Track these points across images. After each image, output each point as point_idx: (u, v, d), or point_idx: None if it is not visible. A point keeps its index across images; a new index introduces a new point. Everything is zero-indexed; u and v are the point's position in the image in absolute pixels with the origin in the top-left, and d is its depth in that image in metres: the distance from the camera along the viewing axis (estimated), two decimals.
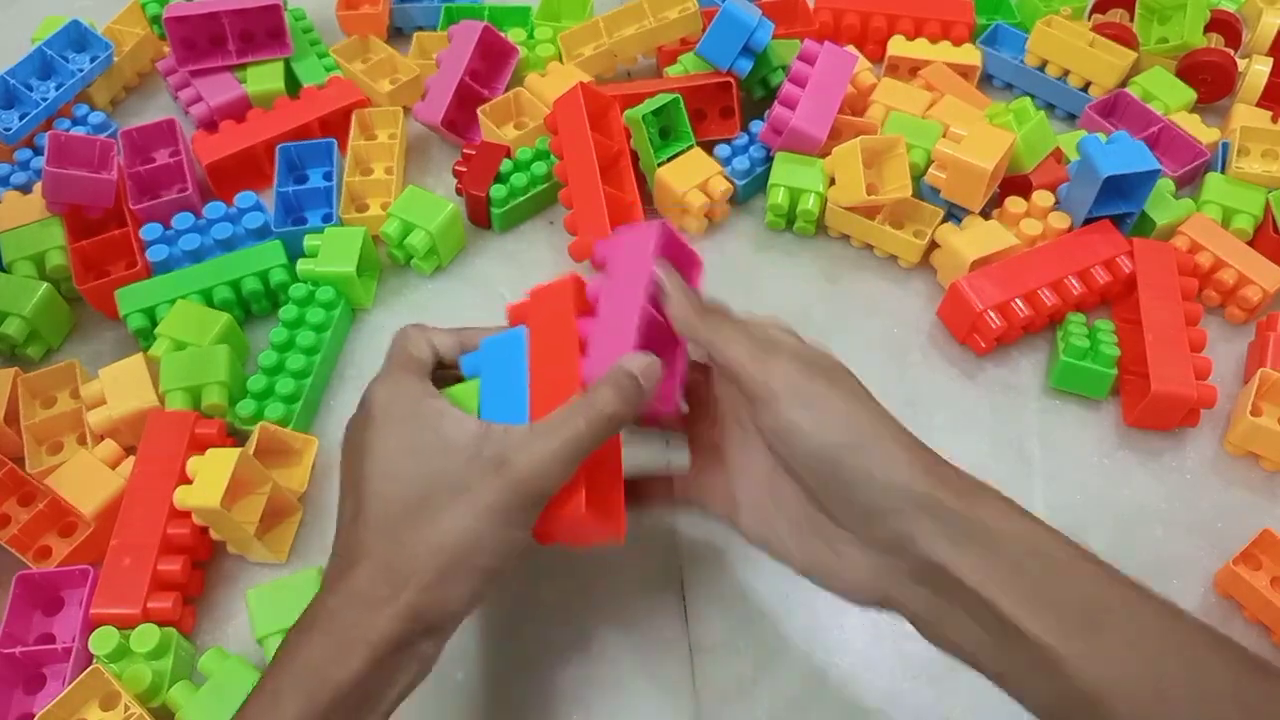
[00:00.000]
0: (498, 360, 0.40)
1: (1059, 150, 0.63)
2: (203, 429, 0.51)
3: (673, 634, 0.47)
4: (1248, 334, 0.59)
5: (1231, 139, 0.64)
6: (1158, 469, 0.53)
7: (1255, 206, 0.61)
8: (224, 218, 0.61)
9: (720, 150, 0.64)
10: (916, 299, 0.61)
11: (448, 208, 0.60)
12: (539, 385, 0.39)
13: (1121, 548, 0.51)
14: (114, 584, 0.46)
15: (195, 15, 0.68)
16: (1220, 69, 0.69)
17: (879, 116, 0.66)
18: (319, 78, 0.72)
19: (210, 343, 0.54)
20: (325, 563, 0.48)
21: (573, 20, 0.74)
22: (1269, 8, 0.72)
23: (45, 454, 0.53)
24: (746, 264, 0.63)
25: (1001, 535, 0.34)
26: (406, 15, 0.77)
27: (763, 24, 0.63)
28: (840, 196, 0.61)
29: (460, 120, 0.68)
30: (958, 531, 0.34)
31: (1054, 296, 0.56)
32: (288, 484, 0.51)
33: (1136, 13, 0.72)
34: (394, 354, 0.41)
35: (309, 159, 0.65)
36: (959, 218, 0.61)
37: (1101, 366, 0.54)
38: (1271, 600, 0.46)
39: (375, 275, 0.62)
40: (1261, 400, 0.53)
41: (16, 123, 0.66)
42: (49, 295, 0.57)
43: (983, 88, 0.73)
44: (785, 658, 0.46)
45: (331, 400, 0.56)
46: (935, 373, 0.58)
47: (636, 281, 0.39)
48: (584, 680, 0.46)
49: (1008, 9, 0.77)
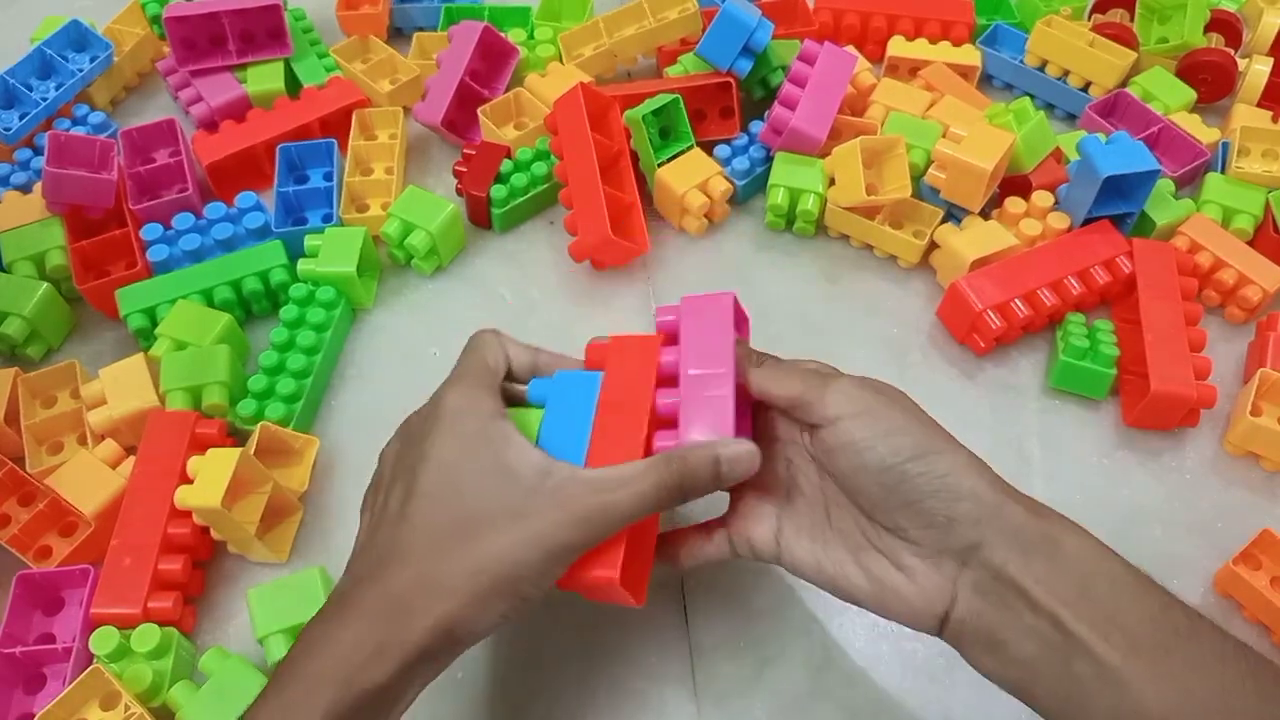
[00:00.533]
0: (567, 396, 0.41)
1: (1059, 150, 0.63)
2: (203, 429, 0.51)
3: (673, 634, 0.47)
4: (1248, 334, 0.59)
5: (1231, 139, 0.64)
6: (1157, 469, 0.54)
7: (1255, 206, 0.61)
8: (224, 218, 0.61)
9: (720, 150, 0.64)
10: (916, 299, 0.61)
11: (448, 208, 0.60)
12: (600, 436, 0.39)
13: (1121, 548, 0.50)
14: (114, 584, 0.46)
15: (195, 15, 0.68)
16: (1220, 69, 0.69)
17: (879, 116, 0.66)
18: (319, 78, 0.72)
19: (211, 343, 0.54)
20: (327, 561, 0.48)
21: (573, 20, 0.74)
22: (1269, 8, 0.72)
23: (45, 454, 0.53)
24: (746, 264, 0.63)
25: (1069, 552, 0.34)
26: (406, 15, 0.77)
27: (763, 24, 0.63)
28: (840, 197, 0.61)
29: (460, 120, 0.68)
30: (1026, 543, 0.34)
31: (1054, 296, 0.56)
32: (288, 484, 0.51)
33: (1136, 13, 0.72)
34: (470, 361, 0.41)
35: (309, 159, 0.65)
36: (959, 218, 0.61)
37: (1101, 366, 0.54)
38: (1271, 600, 0.46)
39: (375, 275, 0.62)
40: (1261, 400, 0.53)
41: (16, 123, 0.66)
42: (49, 295, 0.57)
43: (983, 88, 0.73)
44: (785, 658, 0.46)
45: (332, 400, 0.56)
46: (935, 373, 0.58)
47: (720, 354, 0.39)
48: (584, 680, 0.46)
49: (1008, 9, 0.77)
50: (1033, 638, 0.34)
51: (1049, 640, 0.33)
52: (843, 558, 0.38)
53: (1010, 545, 0.34)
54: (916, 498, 0.36)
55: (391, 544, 0.36)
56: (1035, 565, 0.34)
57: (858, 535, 0.38)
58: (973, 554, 0.35)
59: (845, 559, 0.38)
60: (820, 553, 0.39)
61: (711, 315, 0.41)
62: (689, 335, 0.40)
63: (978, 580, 0.35)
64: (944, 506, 0.35)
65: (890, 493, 0.36)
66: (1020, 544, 0.34)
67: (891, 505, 0.36)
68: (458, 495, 0.36)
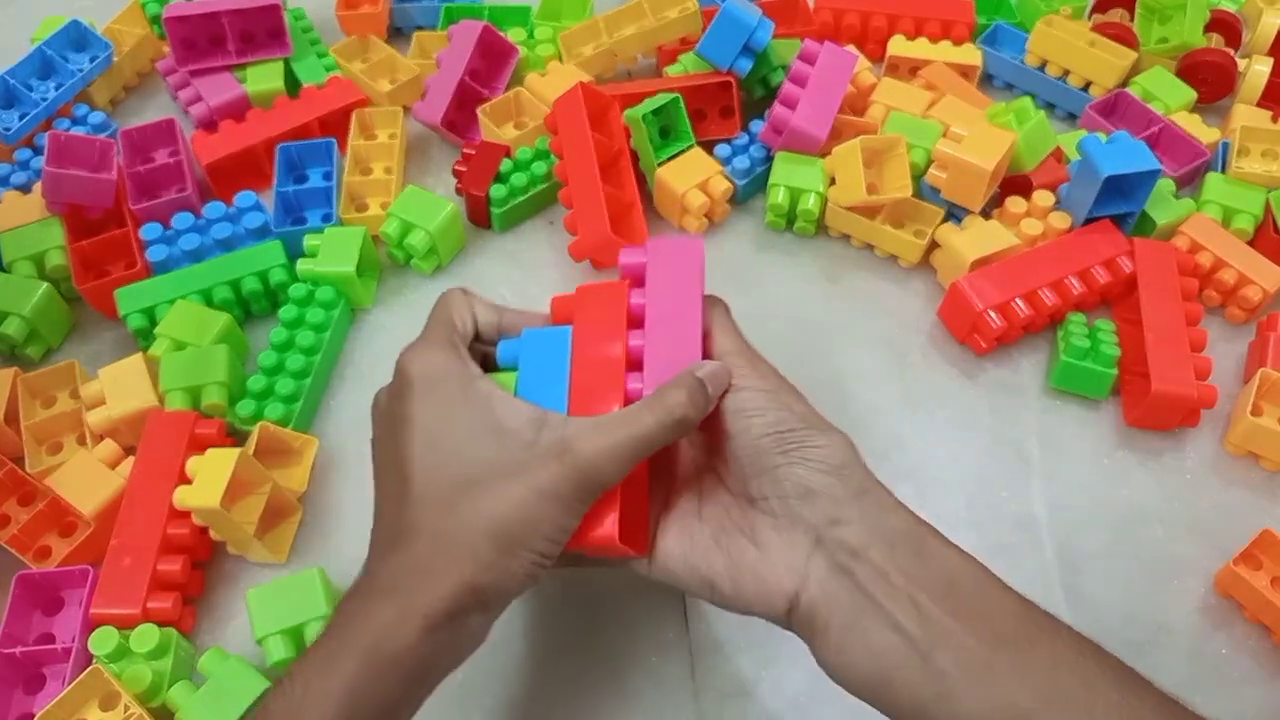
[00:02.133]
0: (539, 354, 0.40)
1: (1059, 150, 0.63)
2: (203, 429, 0.50)
3: (673, 634, 0.47)
4: (1248, 334, 0.59)
5: (1231, 139, 0.64)
6: (1158, 469, 0.53)
7: (1255, 206, 0.61)
8: (224, 218, 0.61)
9: (720, 150, 0.64)
10: (916, 299, 0.61)
11: (447, 207, 0.60)
12: (579, 388, 0.38)
13: (1121, 548, 0.51)
14: (114, 584, 0.46)
15: (195, 15, 0.68)
16: (1220, 69, 0.69)
17: (879, 116, 0.66)
18: (319, 77, 0.71)
19: (210, 343, 0.54)
20: (326, 562, 0.48)
21: (573, 20, 0.74)
22: (1269, 8, 0.72)
23: (45, 454, 0.53)
24: (746, 264, 0.63)
25: (933, 548, 0.35)
26: (406, 15, 0.77)
27: (763, 24, 0.63)
28: (840, 196, 0.61)
29: (460, 120, 0.68)
30: (890, 531, 0.34)
31: (1054, 296, 0.56)
32: (288, 484, 0.51)
33: (1136, 13, 0.72)
34: (436, 322, 0.41)
35: (309, 159, 0.65)
36: (959, 218, 0.61)
37: (1102, 366, 0.54)
38: (1272, 600, 0.46)
39: (375, 275, 0.62)
40: (1262, 400, 0.53)
41: (16, 123, 0.66)
42: (49, 295, 0.57)
43: (983, 88, 0.73)
44: (785, 658, 0.46)
45: (331, 400, 0.56)
46: (935, 373, 0.58)
47: (687, 300, 0.39)
48: (584, 680, 0.46)
49: (1008, 9, 0.77)
50: (891, 627, 0.33)
51: (909, 631, 0.32)
52: (707, 545, 0.38)
53: (873, 531, 0.34)
54: (784, 464, 0.36)
55: (400, 519, 0.36)
56: (899, 555, 0.34)
57: (723, 517, 0.38)
58: (831, 530, 0.35)
59: (709, 545, 0.38)
60: (689, 546, 0.38)
61: (679, 259, 0.40)
62: (655, 278, 0.40)
63: (834, 560, 0.34)
64: (808, 476, 0.35)
65: (761, 456, 0.36)
66: (884, 532, 0.34)
67: (758, 470, 0.36)
68: (452, 459, 0.36)
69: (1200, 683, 0.46)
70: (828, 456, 0.36)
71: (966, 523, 0.51)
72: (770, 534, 0.36)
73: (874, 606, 0.33)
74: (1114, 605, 0.48)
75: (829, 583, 0.34)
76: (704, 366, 0.37)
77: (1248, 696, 0.46)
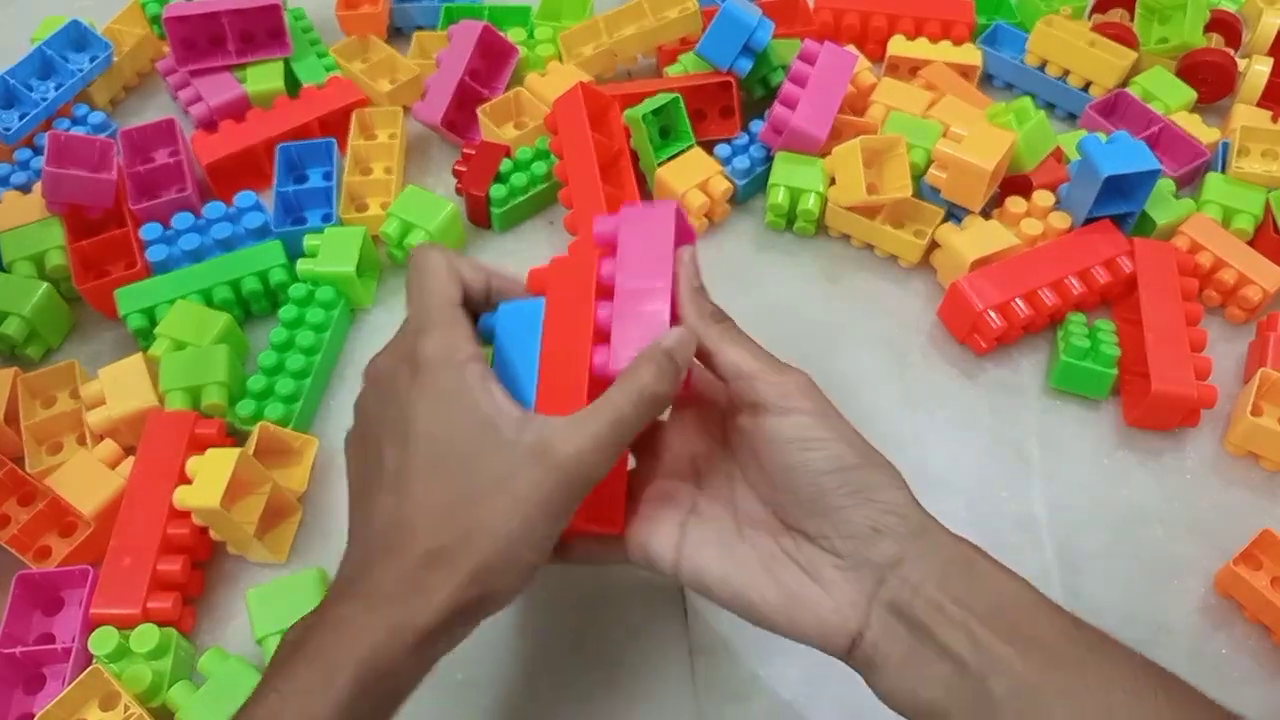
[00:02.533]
0: (513, 331, 0.40)
1: (1059, 150, 0.63)
2: (202, 429, 0.50)
3: (673, 634, 0.47)
4: (1248, 334, 0.59)
5: (1231, 139, 0.64)
6: (1158, 469, 0.53)
7: (1255, 206, 0.61)
8: (223, 218, 0.61)
9: (720, 150, 0.64)
10: (916, 299, 0.61)
11: (447, 208, 0.60)
12: (548, 368, 0.38)
13: (1121, 548, 0.51)
14: (114, 584, 0.46)
15: (195, 15, 0.68)
16: (1220, 69, 0.69)
17: (879, 116, 0.66)
18: (319, 77, 0.71)
19: (210, 343, 0.54)
20: (326, 562, 0.48)
21: (573, 20, 0.74)
22: (1269, 8, 0.72)
23: (45, 454, 0.53)
24: (746, 264, 0.63)
25: (982, 571, 0.35)
26: (406, 15, 0.77)
27: (763, 24, 0.63)
28: (840, 196, 0.61)
29: (460, 120, 0.68)
30: (945, 561, 0.34)
31: (1054, 296, 0.56)
32: (288, 484, 0.51)
33: (1136, 13, 0.72)
34: (430, 294, 0.39)
35: (309, 159, 0.65)
36: (959, 217, 0.61)
37: (1102, 366, 0.54)
38: (1272, 600, 0.46)
39: (375, 275, 0.62)
40: (1262, 400, 0.53)
41: (16, 123, 0.66)
42: (49, 295, 0.57)
43: (983, 88, 0.73)
44: (785, 658, 0.46)
45: (331, 400, 0.56)
46: (935, 373, 0.58)
47: (658, 267, 0.38)
48: (584, 680, 0.46)
49: (1008, 9, 0.77)
50: (947, 658, 0.33)
51: (965, 659, 0.32)
52: (754, 569, 0.37)
53: (931, 563, 0.34)
54: (849, 504, 0.35)
55: (393, 521, 0.35)
56: (952, 583, 0.34)
57: (772, 546, 0.37)
58: (894, 570, 0.34)
59: (756, 570, 0.37)
60: (729, 564, 0.37)
61: (652, 225, 0.39)
62: (626, 246, 0.39)
63: (895, 599, 0.34)
64: (873, 518, 0.35)
65: (823, 496, 0.35)
66: (940, 563, 0.34)
67: (820, 510, 0.36)
68: (451, 468, 0.35)
69: (1200, 683, 0.46)
70: (892, 500, 0.35)
71: (967, 523, 0.50)
72: (833, 573, 0.36)
73: (931, 639, 0.33)
74: (1114, 605, 0.48)
75: (890, 620, 0.34)
76: (670, 335, 0.36)
77: (1248, 696, 0.46)
